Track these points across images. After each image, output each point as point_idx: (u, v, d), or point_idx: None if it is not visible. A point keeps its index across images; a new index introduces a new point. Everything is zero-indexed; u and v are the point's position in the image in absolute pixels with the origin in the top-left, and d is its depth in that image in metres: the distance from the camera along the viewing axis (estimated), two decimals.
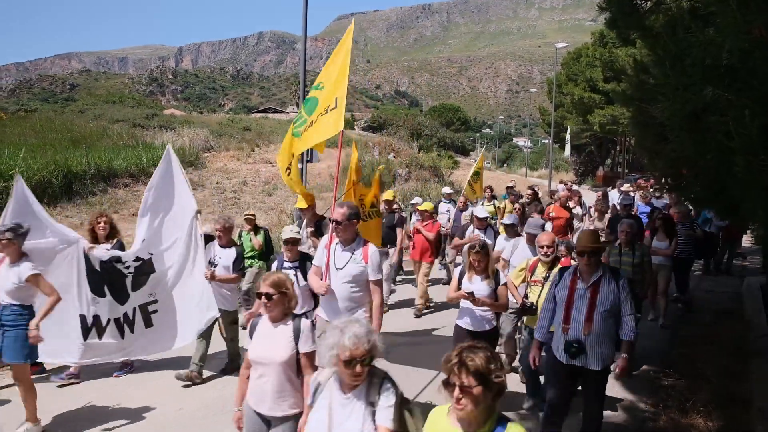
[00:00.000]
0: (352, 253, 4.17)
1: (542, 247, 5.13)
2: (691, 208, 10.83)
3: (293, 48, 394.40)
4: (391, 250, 8.55)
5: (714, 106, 3.20)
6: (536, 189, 13.62)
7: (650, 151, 5.01)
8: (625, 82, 5.70)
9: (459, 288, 4.78)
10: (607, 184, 28.57)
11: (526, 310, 5.09)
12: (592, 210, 11.04)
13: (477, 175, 11.59)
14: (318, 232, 6.41)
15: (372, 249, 4.22)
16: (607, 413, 5.13)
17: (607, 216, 10.48)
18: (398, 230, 8.61)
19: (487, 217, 7.99)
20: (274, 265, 5.38)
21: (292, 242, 5.21)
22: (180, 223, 5.62)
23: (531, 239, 6.06)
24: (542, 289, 4.94)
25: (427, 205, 8.81)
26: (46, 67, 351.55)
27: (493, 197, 12.11)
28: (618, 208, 10.48)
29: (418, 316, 8.20)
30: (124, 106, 35.36)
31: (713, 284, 10.68)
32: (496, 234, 7.86)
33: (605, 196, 11.79)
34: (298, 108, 12.76)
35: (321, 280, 4.31)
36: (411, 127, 39.38)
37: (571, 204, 11.01)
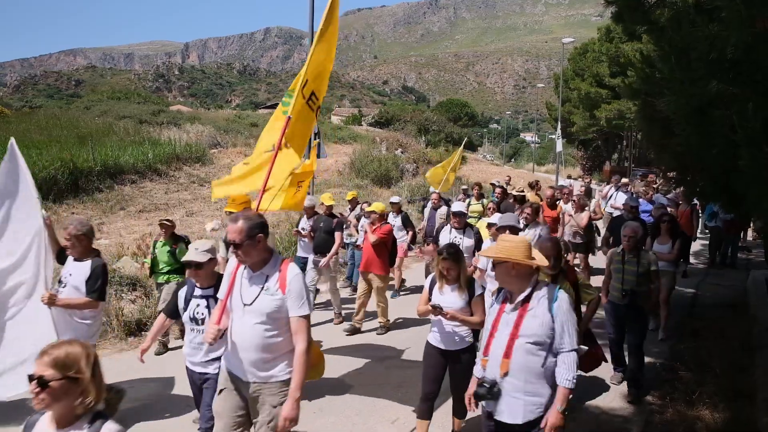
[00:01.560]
0: (264, 282, 3.05)
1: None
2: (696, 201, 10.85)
3: (300, 44, 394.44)
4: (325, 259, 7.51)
5: (719, 100, 3.23)
6: (506, 185, 12.85)
7: (657, 145, 5.05)
8: (632, 77, 5.72)
9: (430, 300, 4.14)
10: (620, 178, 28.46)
11: None
12: (571, 205, 9.95)
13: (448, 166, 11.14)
14: None
15: (292, 272, 3.08)
16: (614, 406, 5.20)
17: (590, 212, 9.59)
18: (336, 234, 7.58)
19: (464, 214, 6.83)
20: (181, 294, 3.97)
21: (195, 266, 3.77)
22: (24, 233, 4.36)
23: (495, 234, 5.37)
24: None
25: (378, 206, 7.48)
26: (51, 63, 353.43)
27: (481, 195, 11.13)
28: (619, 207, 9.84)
29: (381, 334, 7.27)
30: (130, 103, 35.46)
31: (719, 278, 10.68)
32: (478, 236, 6.75)
33: (588, 192, 11.08)
34: None
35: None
36: (418, 122, 39.37)
37: (560, 202, 10.09)
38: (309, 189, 10.53)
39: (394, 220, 9.13)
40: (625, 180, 14.36)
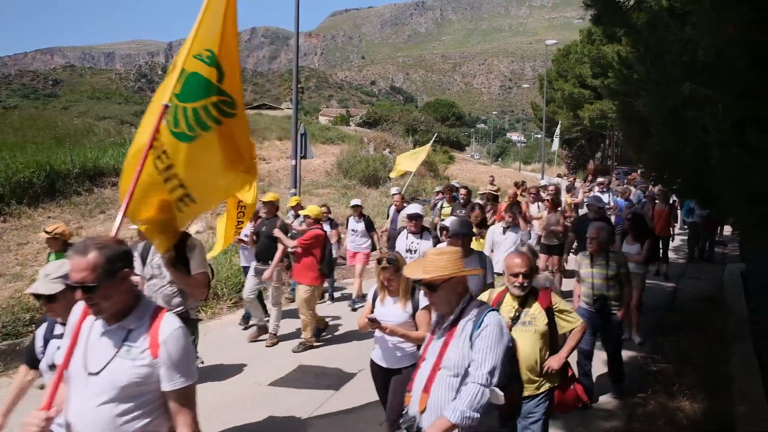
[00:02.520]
0: (123, 341, 2.12)
1: (515, 275, 3.40)
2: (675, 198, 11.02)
3: (287, 44, 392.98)
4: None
5: (692, 102, 3.36)
6: (490, 186, 12.31)
7: (635, 145, 5.19)
8: (612, 78, 5.87)
9: (372, 312, 3.80)
10: (598, 176, 28.84)
11: None
12: (544, 205, 9.37)
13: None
14: (180, 259, 3.94)
15: (169, 326, 2.14)
16: (598, 399, 5.34)
17: (553, 216, 9.05)
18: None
19: (420, 216, 6.22)
20: (39, 333, 2.99)
21: (45, 299, 2.74)
22: None
23: (454, 242, 4.86)
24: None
25: (312, 210, 6.86)
26: (27, 62, 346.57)
27: (453, 198, 10.11)
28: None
29: (296, 351, 6.58)
30: (111, 103, 34.80)
31: (697, 272, 10.95)
32: (437, 240, 6.31)
33: (558, 191, 10.49)
34: (292, 104, 12.84)
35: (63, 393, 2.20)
36: (406, 122, 39.48)
37: (528, 200, 9.81)
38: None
39: (357, 225, 8.62)
40: (600, 179, 14.55)
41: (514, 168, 46.31)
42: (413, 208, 6.37)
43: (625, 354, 6.50)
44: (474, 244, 5.39)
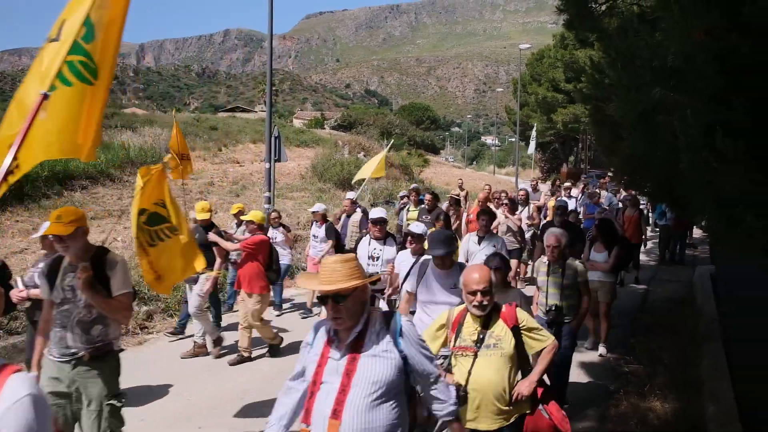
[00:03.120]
0: None
1: (472, 292, 3.01)
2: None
3: (261, 46, 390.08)
4: (203, 276, 6.28)
5: (662, 107, 3.39)
6: (459, 190, 12.04)
7: (607, 148, 5.24)
8: (584, 82, 5.94)
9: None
10: (575, 179, 29.29)
11: None
12: (502, 210, 9.09)
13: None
14: (99, 278, 3.37)
15: (14, 393, 1.39)
16: (571, 400, 5.36)
17: (520, 219, 8.91)
18: (216, 249, 6.50)
19: (384, 221, 5.80)
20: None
21: None
22: None
23: (418, 249, 4.74)
24: (474, 360, 3.05)
25: (255, 215, 6.47)
26: None
27: (420, 201, 9.63)
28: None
29: (232, 364, 6.27)
30: None
31: (668, 274, 11.18)
32: (402, 248, 5.66)
33: (527, 195, 10.29)
34: (266, 107, 12.69)
35: None
36: (381, 126, 39.56)
37: (493, 206, 9.32)
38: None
39: (319, 231, 8.21)
40: (567, 183, 14.51)
41: (488, 171, 46.76)
42: (377, 212, 5.95)
43: (596, 355, 6.60)
44: None
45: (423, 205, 9.21)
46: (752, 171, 2.52)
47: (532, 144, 31.54)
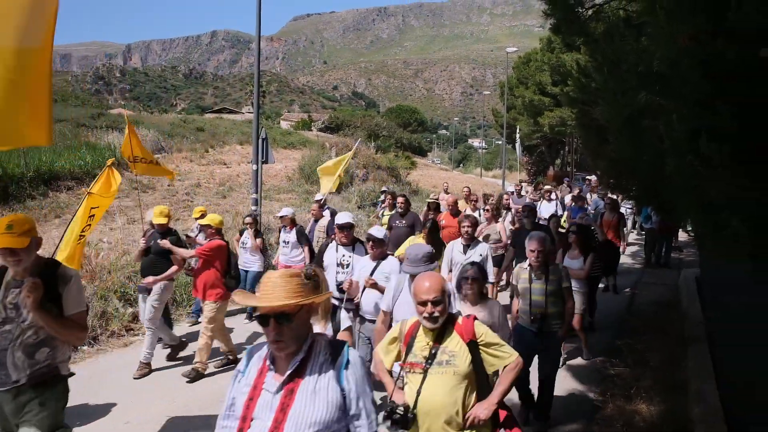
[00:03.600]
0: None
1: (422, 303, 2.73)
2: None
3: (248, 48, 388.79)
4: (156, 287, 6.01)
5: (648, 111, 3.41)
6: (444, 193, 11.55)
7: (593, 152, 5.27)
8: (571, 86, 5.97)
9: None
10: (558, 182, 29.45)
11: (395, 418, 2.71)
12: (483, 214, 8.55)
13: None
14: (50, 295, 2.97)
15: None
16: (557, 403, 5.36)
17: (503, 226, 8.50)
18: (173, 257, 6.13)
19: (351, 225, 5.38)
20: None
21: None
22: None
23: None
24: (424, 378, 2.75)
25: (213, 218, 6.14)
26: None
27: (393, 205, 8.99)
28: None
29: (190, 381, 5.79)
30: (67, 105, 33.89)
31: (653, 277, 11.25)
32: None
33: (500, 198, 9.86)
34: (253, 108, 12.63)
35: None
36: (368, 128, 39.54)
37: (470, 209, 9.10)
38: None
39: (288, 236, 7.76)
40: (547, 186, 14.21)
41: (475, 174, 46.94)
42: (343, 216, 5.50)
43: (581, 359, 6.62)
44: None
45: (396, 210, 8.64)
46: (738, 176, 2.53)
47: (518, 147, 31.67)
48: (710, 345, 5.91)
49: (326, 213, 8.50)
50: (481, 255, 5.82)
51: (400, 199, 8.52)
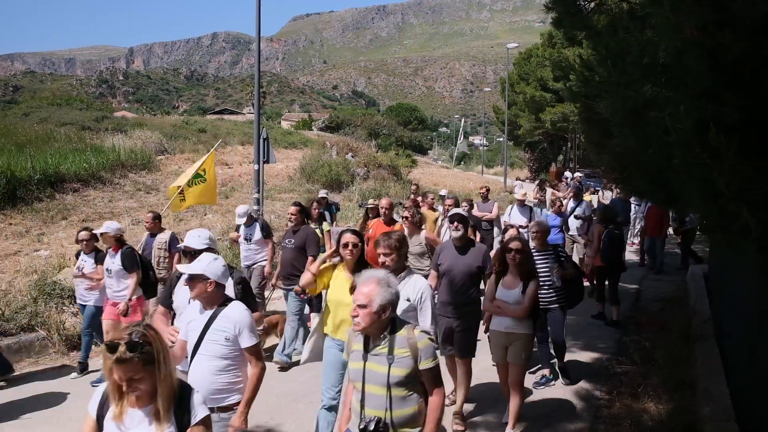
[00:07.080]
0: None
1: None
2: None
3: (248, 49, 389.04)
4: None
5: (653, 103, 3.35)
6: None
7: (597, 146, 5.21)
8: (573, 80, 5.91)
9: None
10: (560, 179, 29.34)
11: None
12: (445, 225, 6.94)
13: (199, 178, 8.67)
14: None
15: None
16: (563, 402, 5.32)
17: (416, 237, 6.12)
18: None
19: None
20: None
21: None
22: None
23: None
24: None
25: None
26: None
27: (321, 215, 8.01)
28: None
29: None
30: (72, 109, 33.95)
31: (660, 274, 11.16)
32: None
33: (457, 203, 8.44)
34: (254, 109, 12.62)
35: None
36: (369, 126, 39.51)
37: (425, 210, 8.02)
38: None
39: (112, 261, 6.26)
40: (559, 194, 12.22)
41: (477, 171, 46.79)
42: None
43: (588, 355, 6.56)
44: None
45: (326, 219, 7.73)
46: (746, 167, 2.48)
47: (464, 143, 30.90)
48: (719, 341, 5.84)
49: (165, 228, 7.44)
50: (409, 300, 3.67)
51: (292, 209, 6.49)
